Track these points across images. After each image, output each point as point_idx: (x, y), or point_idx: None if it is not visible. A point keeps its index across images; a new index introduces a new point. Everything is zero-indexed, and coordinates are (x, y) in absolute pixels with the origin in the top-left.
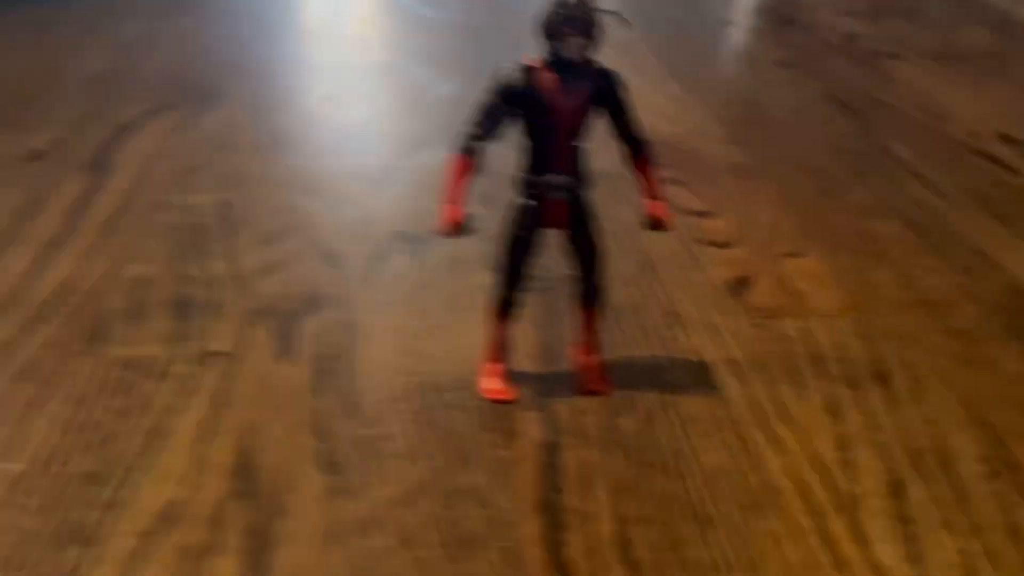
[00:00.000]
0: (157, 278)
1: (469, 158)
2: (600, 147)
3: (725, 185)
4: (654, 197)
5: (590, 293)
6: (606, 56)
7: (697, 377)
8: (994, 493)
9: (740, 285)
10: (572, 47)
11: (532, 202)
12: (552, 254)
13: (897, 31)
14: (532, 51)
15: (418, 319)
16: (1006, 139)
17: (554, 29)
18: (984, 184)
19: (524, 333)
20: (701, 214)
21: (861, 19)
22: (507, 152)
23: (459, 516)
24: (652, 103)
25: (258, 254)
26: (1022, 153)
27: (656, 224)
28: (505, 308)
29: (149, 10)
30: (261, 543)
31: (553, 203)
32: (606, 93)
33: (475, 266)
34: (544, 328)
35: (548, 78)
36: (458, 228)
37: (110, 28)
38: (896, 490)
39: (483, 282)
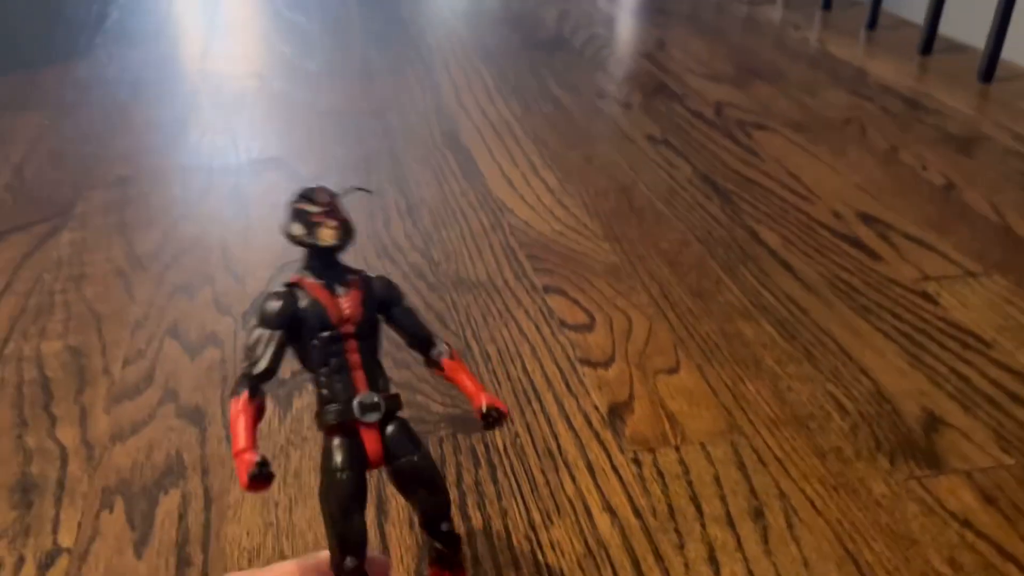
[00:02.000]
0: None
1: (250, 398)
2: (477, 253)
3: (601, 290)
4: (477, 393)
5: (442, 550)
6: (485, 135)
7: (577, 532)
8: None
9: (618, 412)
10: (328, 233)
11: (343, 437)
12: None
13: (762, 97)
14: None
15: (287, 486)
16: (866, 218)
17: (303, 220)
18: (847, 272)
19: None
20: (579, 328)
21: (728, 85)
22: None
23: None
24: (529, 196)
25: (111, 414)
26: (881, 232)
27: (494, 420)
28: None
29: None
30: None
31: (365, 431)
32: (380, 296)
33: None
34: None
35: (314, 286)
36: (259, 474)
37: None
38: None
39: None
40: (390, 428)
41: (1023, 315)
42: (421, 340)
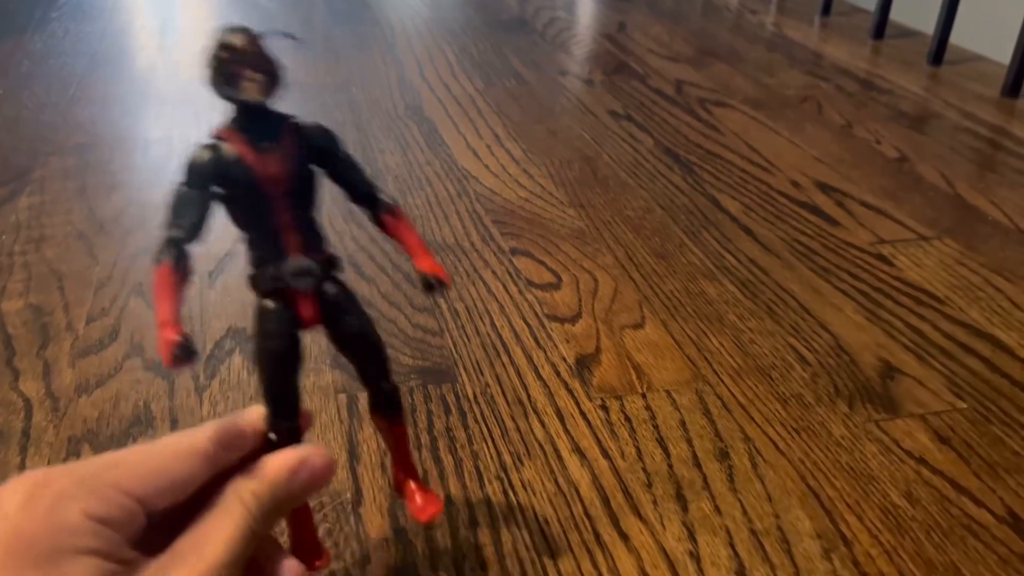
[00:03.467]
0: None
1: (174, 265)
2: (443, 218)
3: (568, 253)
4: (420, 253)
5: (382, 401)
6: (448, 108)
7: (548, 472)
8: (830, 572)
9: (585, 364)
10: (252, 88)
11: (273, 302)
12: None
13: (721, 77)
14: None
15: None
16: (824, 187)
17: (224, 73)
18: (806, 236)
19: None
20: (546, 287)
21: (686, 65)
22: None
23: None
24: (494, 165)
25: (76, 368)
26: (838, 200)
27: (433, 284)
28: (280, 444)
29: None
30: None
31: (300, 296)
32: (316, 147)
33: (320, 362)
34: None
35: (240, 141)
36: (183, 352)
37: None
38: None
39: (332, 380)
40: (326, 291)
41: (973, 275)
42: (362, 195)
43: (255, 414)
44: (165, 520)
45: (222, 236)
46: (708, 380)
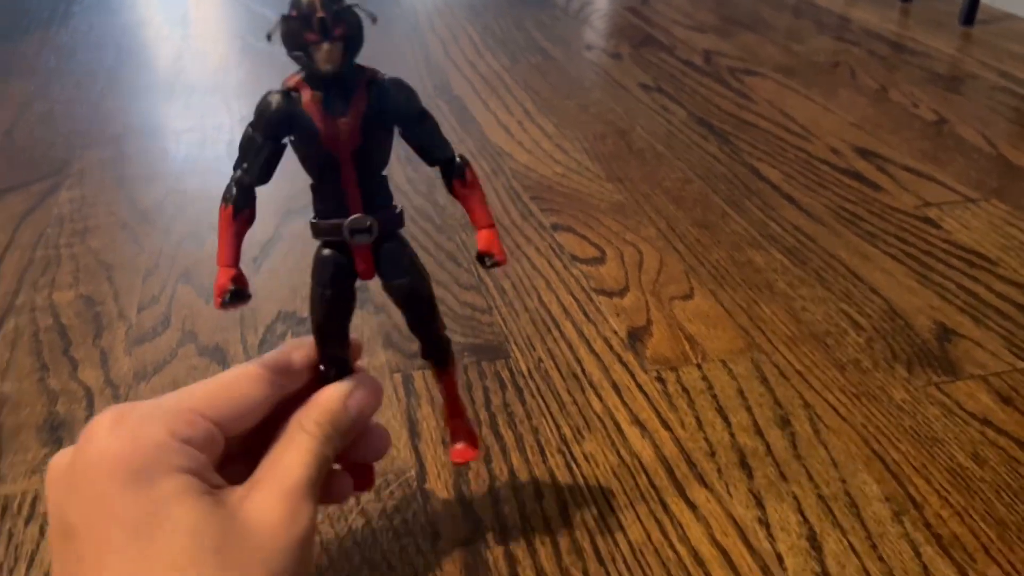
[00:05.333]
0: (20, 397)
1: (238, 208)
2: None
3: (609, 227)
4: (480, 227)
5: (431, 351)
6: (476, 87)
7: (610, 445)
8: (902, 535)
9: (637, 336)
10: (323, 56)
11: (330, 251)
12: None
13: (750, 45)
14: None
15: None
16: (864, 152)
17: (295, 39)
18: (850, 203)
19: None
20: (591, 261)
21: (713, 35)
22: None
23: None
24: (527, 141)
25: (132, 356)
26: (879, 166)
27: (488, 260)
28: (332, 372)
29: None
30: None
31: (357, 249)
32: (391, 109)
33: (374, 344)
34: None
35: (311, 99)
36: (231, 296)
37: None
38: (813, 543)
39: (386, 360)
40: (384, 247)
41: None
42: (434, 160)
43: (303, 345)
44: (240, 452)
45: (265, 222)
46: (763, 348)
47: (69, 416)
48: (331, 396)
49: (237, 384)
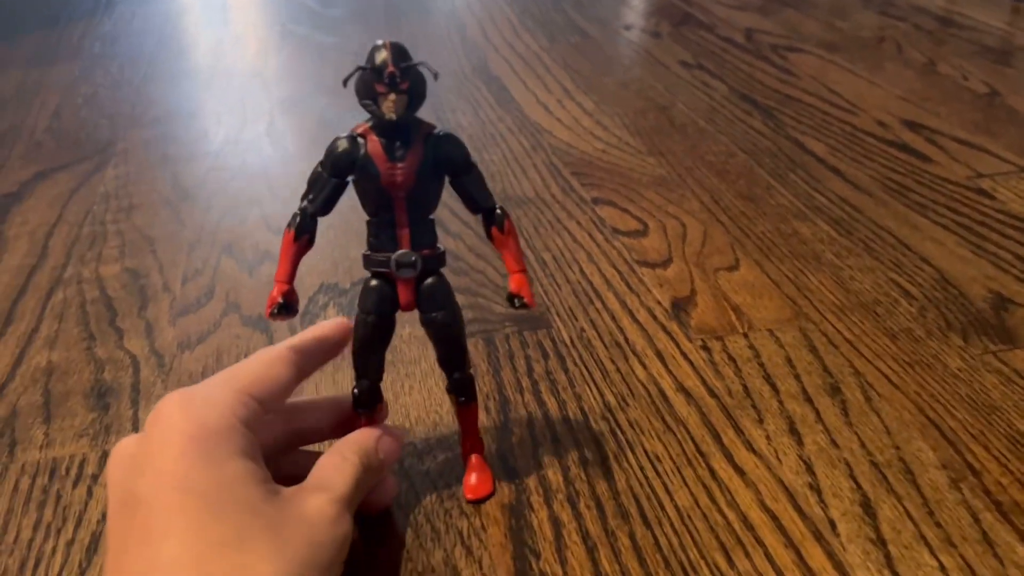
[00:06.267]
0: (68, 366)
1: (299, 233)
2: (521, 172)
3: (651, 200)
4: (513, 271)
5: (456, 387)
6: (515, 66)
7: (654, 412)
8: (961, 502)
9: (681, 306)
10: (389, 106)
11: (377, 282)
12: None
13: (792, 22)
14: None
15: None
16: (912, 125)
17: (367, 89)
18: (898, 174)
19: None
20: (633, 234)
21: (754, 12)
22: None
23: None
24: (567, 118)
25: (177, 326)
26: (929, 137)
27: (517, 301)
28: (360, 399)
29: (24, 60)
30: None
31: (401, 282)
32: (443, 159)
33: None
34: (494, 374)
35: (375, 144)
36: (279, 308)
37: None
38: (867, 510)
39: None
40: (425, 283)
41: None
42: (478, 209)
43: (330, 324)
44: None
45: None
46: (811, 318)
47: (115, 383)
48: (367, 435)
49: (274, 367)
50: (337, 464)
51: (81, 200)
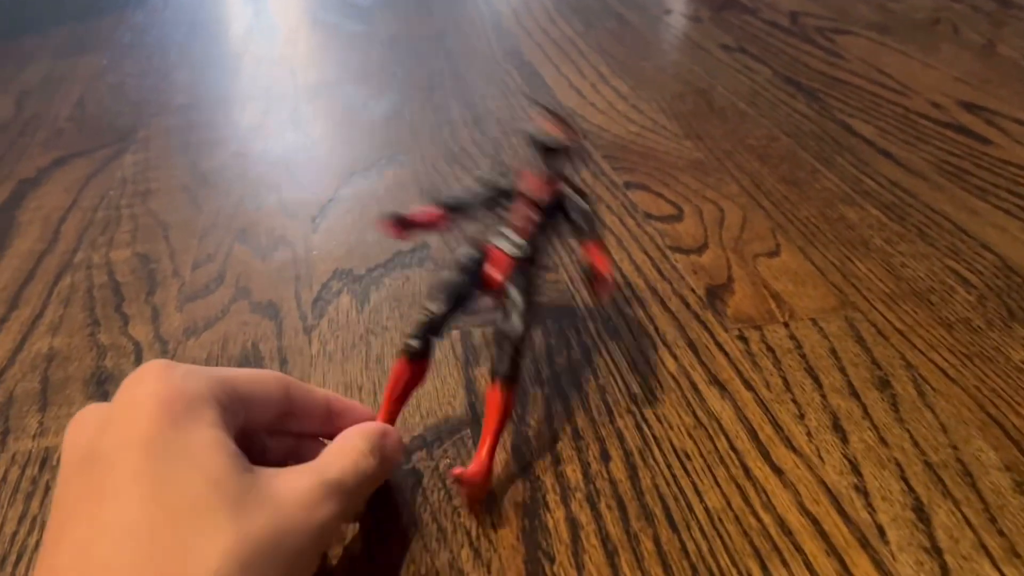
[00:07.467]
0: (70, 352)
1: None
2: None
3: (687, 184)
4: (600, 267)
5: (504, 367)
6: (548, 52)
7: (685, 405)
8: None
9: (716, 294)
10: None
11: (478, 254)
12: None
13: (838, 5)
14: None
15: (369, 371)
16: (969, 106)
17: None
18: (955, 157)
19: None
20: (666, 219)
21: None
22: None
23: None
24: (601, 103)
25: (184, 312)
26: (988, 119)
27: (598, 283)
28: (425, 327)
29: (53, 51)
30: None
31: (497, 256)
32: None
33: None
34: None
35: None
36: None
37: (9, 73)
38: (920, 515)
39: None
40: (520, 267)
41: None
42: (579, 230)
43: (362, 411)
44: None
45: (325, 183)
46: (858, 307)
47: (116, 371)
48: (379, 425)
49: (265, 381)
50: (340, 448)
51: (97, 185)
